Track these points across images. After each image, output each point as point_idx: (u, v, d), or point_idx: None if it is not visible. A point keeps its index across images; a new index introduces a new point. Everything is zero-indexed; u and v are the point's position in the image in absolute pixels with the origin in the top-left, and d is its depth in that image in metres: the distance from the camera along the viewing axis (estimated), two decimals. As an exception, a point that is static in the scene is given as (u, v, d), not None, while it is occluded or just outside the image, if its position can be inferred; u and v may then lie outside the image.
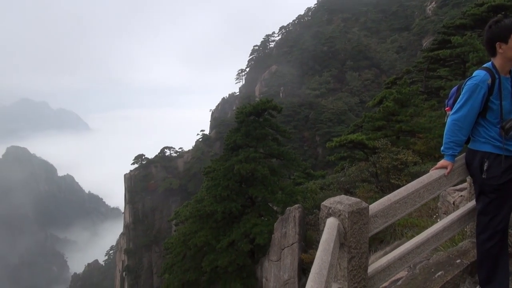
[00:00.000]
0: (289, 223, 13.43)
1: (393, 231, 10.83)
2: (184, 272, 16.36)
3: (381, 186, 14.29)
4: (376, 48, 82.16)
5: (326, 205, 2.61)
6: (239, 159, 16.00)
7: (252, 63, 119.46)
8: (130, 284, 65.07)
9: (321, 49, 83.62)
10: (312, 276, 1.83)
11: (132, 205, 68.23)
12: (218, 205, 15.59)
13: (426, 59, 26.81)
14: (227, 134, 18.30)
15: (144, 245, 65.89)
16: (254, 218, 15.41)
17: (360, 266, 2.57)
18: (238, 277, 15.00)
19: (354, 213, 2.46)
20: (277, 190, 15.88)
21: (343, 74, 75.74)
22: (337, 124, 58.83)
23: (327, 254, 2.03)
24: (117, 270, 75.54)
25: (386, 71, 73.16)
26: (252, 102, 18.41)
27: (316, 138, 59.97)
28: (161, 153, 75.88)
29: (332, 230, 2.36)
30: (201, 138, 78.74)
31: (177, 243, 17.48)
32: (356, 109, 64.16)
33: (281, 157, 17.54)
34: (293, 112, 63.44)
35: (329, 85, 71.85)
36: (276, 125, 17.81)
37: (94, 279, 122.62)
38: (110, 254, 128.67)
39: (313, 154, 58.83)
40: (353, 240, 2.50)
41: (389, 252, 3.35)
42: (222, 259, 14.89)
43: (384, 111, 16.04)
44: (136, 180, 69.72)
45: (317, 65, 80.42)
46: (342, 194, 4.16)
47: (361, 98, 67.37)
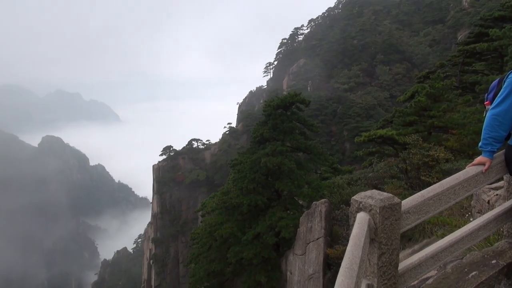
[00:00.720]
0: (315, 217, 13.35)
1: (422, 229, 10.58)
2: (210, 263, 16.58)
3: (410, 183, 13.96)
4: (408, 41, 79.93)
5: (357, 200, 2.57)
6: (266, 152, 15.98)
7: (280, 56, 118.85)
8: (157, 272, 66.68)
9: (350, 42, 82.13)
10: (343, 271, 1.80)
11: (160, 196, 69.64)
12: (244, 197, 15.66)
13: (461, 53, 25.89)
14: (254, 127, 18.30)
15: (171, 235, 67.23)
16: (280, 212, 15.39)
17: (390, 263, 2.52)
18: (263, 269, 15.06)
19: (385, 209, 2.40)
20: (303, 184, 15.78)
21: (373, 68, 74.18)
22: (365, 119, 57.83)
23: (357, 249, 2.00)
24: (145, 258, 77.57)
25: (418, 65, 71.12)
26: (279, 96, 18.31)
27: (344, 132, 59.18)
28: (189, 145, 76.93)
29: (363, 225, 2.31)
30: (228, 131, 79.26)
31: (203, 234, 17.73)
32: (385, 104, 62.81)
33: (308, 151, 17.39)
34: (321, 106, 62.79)
35: (358, 79, 70.56)
36: (304, 119, 17.66)
37: (122, 266, 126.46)
38: (138, 243, 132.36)
39: (340, 149, 58.14)
40: (384, 236, 2.44)
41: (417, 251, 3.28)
42: (247, 251, 14.98)
43: (416, 106, 15.61)
44: (164, 171, 71.05)
45: (346, 59, 79.08)
46: (370, 189, 4.08)
47: (391, 93, 65.86)
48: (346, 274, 1.77)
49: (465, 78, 25.40)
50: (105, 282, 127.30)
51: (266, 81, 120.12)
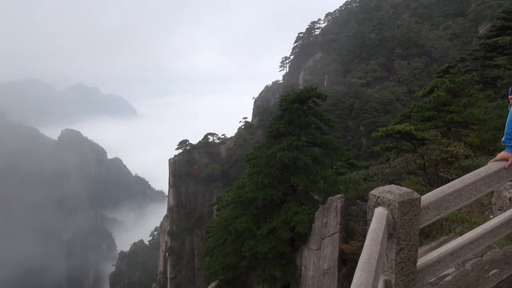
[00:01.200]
0: (331, 212, 13.28)
1: (440, 226, 10.42)
2: (225, 256, 16.69)
3: (428, 179, 13.74)
4: (428, 35, 78.35)
5: (375, 194, 2.54)
6: (282, 147, 15.93)
7: (297, 50, 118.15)
8: (172, 264, 67.54)
9: (368, 36, 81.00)
10: (361, 265, 1.78)
11: (176, 189, 70.35)
12: (259, 192, 15.67)
13: (482, 47, 25.24)
14: (270, 121, 18.25)
15: (186, 228, 67.94)
16: (295, 206, 15.35)
17: (409, 259, 2.49)
18: (278, 263, 15.08)
19: (404, 204, 2.37)
20: (319, 179, 15.69)
21: (391, 63, 73.04)
22: (382, 114, 57.10)
23: (376, 243, 1.97)
24: (161, 250, 78.66)
25: (437, 59, 69.72)
26: (295, 90, 18.19)
27: (360, 128, 58.59)
28: (205, 139, 77.37)
29: (381, 220, 2.28)
30: (243, 125, 79.38)
31: (218, 227, 17.85)
32: (403, 99, 61.86)
33: (324, 145, 17.27)
34: (337, 101, 62.25)
35: (376, 74, 69.60)
36: (320, 113, 17.51)
37: (139, 257, 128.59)
38: (154, 235, 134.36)
39: (356, 144, 57.63)
40: (402, 231, 2.41)
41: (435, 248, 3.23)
42: (262, 245, 15.01)
43: (435, 100, 15.31)
44: (180, 164, 71.70)
45: (364, 53, 78.07)
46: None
47: (409, 88, 64.80)
48: (364, 269, 1.75)
49: (486, 72, 24.78)
50: (122, 274, 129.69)
51: (282, 75, 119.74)
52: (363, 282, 1.62)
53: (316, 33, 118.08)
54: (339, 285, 12.87)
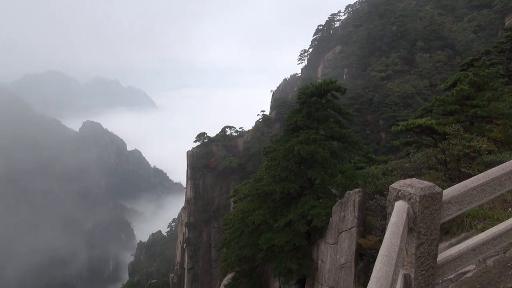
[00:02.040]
0: (348, 207, 13.20)
1: (461, 222, 10.22)
2: (241, 248, 16.80)
3: (449, 175, 13.48)
4: (451, 27, 76.38)
5: (395, 188, 2.50)
6: (299, 140, 15.85)
7: (316, 43, 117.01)
8: (190, 255, 68.47)
9: (389, 28, 79.48)
10: (381, 258, 1.77)
11: (193, 181, 71.05)
12: (276, 185, 15.67)
13: (508, 39, 24.48)
14: (288, 114, 18.15)
15: (204, 220, 68.65)
16: (312, 200, 15.29)
17: (429, 254, 2.45)
18: (294, 257, 15.10)
19: (426, 197, 2.33)
20: (337, 173, 15.57)
21: (413, 56, 71.57)
22: (403, 108, 56.14)
23: (396, 237, 1.95)
24: (178, 241, 79.82)
25: (461, 52, 67.97)
26: (314, 83, 18.02)
27: (380, 122, 57.79)
28: (222, 132, 77.73)
29: (401, 214, 2.26)
30: (261, 119, 79.35)
31: (235, 220, 17.96)
32: (424, 93, 60.64)
33: (342, 139, 17.10)
34: (356, 95, 61.50)
35: (397, 67, 68.35)
36: (339, 107, 17.31)
37: (157, 248, 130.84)
38: (172, 226, 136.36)
39: (375, 138, 56.92)
40: (423, 225, 2.38)
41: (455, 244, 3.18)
42: (278, 238, 15.05)
43: (458, 94, 14.94)
44: (197, 157, 72.29)
45: (385, 46, 76.71)
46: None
47: (431, 81, 63.44)
48: (384, 262, 1.74)
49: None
50: (140, 263, 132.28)
51: (300, 68, 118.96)
52: (382, 275, 1.60)
53: (335, 26, 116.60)
54: (355, 279, 12.82)
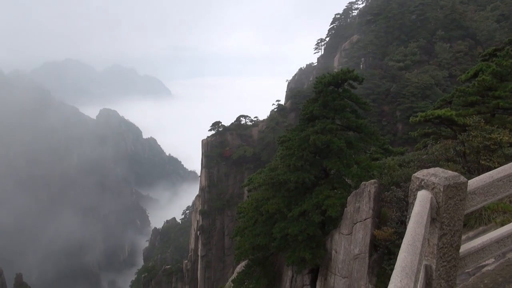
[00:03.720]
0: (364, 197, 13.09)
1: (479, 215, 10.04)
2: (255, 236, 16.88)
3: (468, 167, 13.23)
4: (473, 16, 74.27)
5: (418, 177, 2.45)
6: (315, 130, 15.73)
7: (333, 32, 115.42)
8: (203, 242, 69.31)
9: (409, 17, 77.80)
10: (405, 247, 1.73)
11: (208, 170, 71.54)
12: (291, 174, 15.63)
13: (534, 29, 23.62)
14: (304, 104, 18.00)
15: (218, 208, 69.24)
16: (327, 190, 15.21)
17: (451, 245, 2.40)
18: (308, 246, 15.11)
19: (450, 187, 2.27)
20: (352, 164, 15.43)
21: (432, 45, 69.98)
22: (420, 99, 55.16)
23: (420, 226, 1.90)
24: (192, 228, 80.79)
25: (482, 42, 66.13)
26: (330, 73, 17.79)
27: (397, 113, 56.96)
28: (237, 121, 77.79)
29: (425, 203, 2.20)
30: (276, 108, 79.08)
31: (249, 208, 18.03)
32: (443, 84, 59.40)
33: (359, 130, 16.89)
34: (373, 85, 60.63)
35: (415, 57, 66.97)
36: (356, 97, 17.07)
37: (171, 234, 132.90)
38: (187, 214, 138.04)
39: (392, 129, 56.19)
40: (446, 216, 2.32)
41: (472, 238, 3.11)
42: (292, 227, 15.06)
43: (480, 85, 14.56)
44: (212, 146, 72.66)
45: (403, 35, 75.17)
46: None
47: (450, 72, 62.03)
48: (408, 251, 1.70)
49: (537, 56, 23.26)
50: (155, 249, 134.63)
51: (316, 58, 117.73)
52: (407, 264, 1.57)
53: (353, 14, 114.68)
54: (369, 270, 12.77)
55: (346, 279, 13.74)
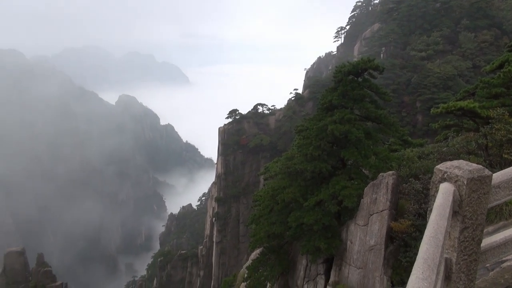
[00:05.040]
0: (381, 189, 12.98)
1: (500, 209, 9.85)
2: (270, 225, 16.98)
3: (490, 161, 12.93)
4: (500, 5, 71.82)
5: (441, 169, 2.41)
6: (333, 120, 15.59)
7: (353, 20, 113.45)
8: (218, 229, 70.15)
9: (432, 5, 75.70)
10: (427, 239, 1.71)
11: (224, 157, 71.97)
12: (308, 164, 15.57)
13: None
14: (322, 93, 17.81)
15: (233, 196, 69.77)
16: (344, 181, 15.12)
17: (473, 239, 2.37)
18: (323, 236, 15.13)
19: (474, 180, 2.23)
20: (370, 155, 15.26)
21: (456, 35, 68.04)
22: (442, 90, 53.95)
23: (443, 219, 1.88)
24: (208, 215, 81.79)
25: (509, 32, 64.02)
26: (350, 62, 17.53)
27: (417, 104, 55.92)
28: (254, 109, 77.72)
29: (447, 196, 2.17)
30: (293, 97, 78.60)
31: (265, 197, 18.10)
32: (467, 75, 57.88)
33: (378, 120, 16.65)
34: (394, 75, 59.54)
35: (438, 47, 65.28)
36: (376, 87, 16.77)
37: (187, 220, 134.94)
38: (203, 200, 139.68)
39: (411, 121, 55.27)
40: (469, 209, 2.29)
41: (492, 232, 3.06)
42: (308, 217, 15.07)
43: (505, 76, 14.12)
44: (229, 133, 72.93)
45: (426, 24, 73.29)
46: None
47: (474, 63, 60.33)
48: (430, 243, 1.68)
49: None
50: (171, 234, 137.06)
51: (336, 46, 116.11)
52: (429, 256, 1.56)
53: (375, 2, 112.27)
54: (384, 262, 12.72)
55: (361, 270, 13.73)
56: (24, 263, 68.01)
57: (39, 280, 64.87)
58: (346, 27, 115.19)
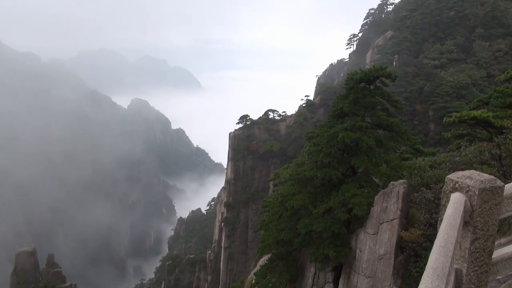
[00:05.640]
0: (392, 198, 12.86)
1: (513, 221, 9.68)
2: (279, 231, 16.91)
3: (503, 171, 12.73)
4: (516, 14, 70.86)
5: (452, 179, 2.40)
6: (344, 127, 15.53)
7: (366, 28, 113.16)
8: (227, 234, 70.06)
9: (447, 14, 75.18)
10: (437, 249, 1.71)
11: (234, 163, 72.03)
12: (318, 171, 15.52)
13: None
14: (334, 100, 17.78)
15: (242, 201, 69.71)
16: (354, 188, 15.02)
17: (484, 250, 2.35)
18: (332, 244, 15.02)
19: (485, 191, 2.22)
20: (381, 163, 15.15)
21: (470, 43, 67.39)
22: (455, 99, 53.38)
23: (453, 229, 1.87)
24: (217, 220, 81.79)
25: (525, 41, 63.14)
26: (362, 69, 17.47)
27: (429, 112, 55.39)
28: (265, 115, 77.77)
29: (458, 206, 2.16)
30: (304, 104, 78.51)
31: (274, 203, 18.06)
32: (481, 84, 57.21)
33: (389, 128, 16.54)
34: (406, 83, 59.13)
35: (452, 55, 64.70)
36: (388, 94, 16.68)
37: (196, 225, 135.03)
38: (212, 205, 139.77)
39: (423, 129, 54.73)
40: (480, 220, 2.27)
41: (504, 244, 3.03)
42: (317, 224, 14.98)
43: (520, 86, 13.94)
44: (239, 139, 73.05)
45: (440, 32, 72.76)
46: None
47: (488, 72, 59.62)
48: (440, 252, 1.68)
49: None
50: (179, 238, 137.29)
51: (348, 54, 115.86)
52: (439, 266, 1.55)
53: (388, 10, 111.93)
54: (394, 271, 12.57)
55: (370, 279, 13.59)
56: (35, 263, 68.81)
57: (49, 281, 65.49)
58: (359, 34, 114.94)
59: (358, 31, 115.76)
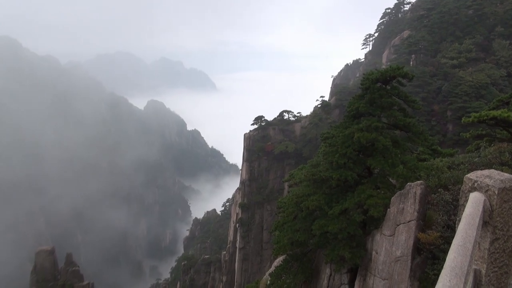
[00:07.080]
0: (408, 199, 12.69)
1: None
2: (294, 232, 16.86)
3: (524, 172, 12.44)
4: (538, 11, 69.06)
5: (471, 178, 2.35)
6: (360, 128, 15.40)
7: (382, 27, 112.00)
8: (242, 235, 70.17)
9: (465, 12, 73.75)
10: (455, 248, 1.68)
11: (249, 164, 72.13)
12: (333, 171, 15.42)
13: None
14: (349, 100, 17.63)
15: (257, 202, 69.73)
16: (370, 189, 14.87)
17: (504, 250, 2.29)
18: (347, 245, 14.89)
19: (506, 190, 2.17)
20: (398, 164, 14.95)
21: (489, 42, 65.94)
22: (474, 99, 52.30)
23: (472, 228, 1.84)
24: (232, 221, 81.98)
25: (547, 39, 61.47)
26: (378, 69, 17.28)
27: (447, 113, 54.42)
28: (280, 116, 77.67)
29: (477, 206, 2.12)
30: (320, 104, 78.10)
31: (289, 203, 18.01)
32: (501, 84, 55.92)
33: (406, 129, 16.31)
34: (423, 83, 58.24)
35: (470, 54, 63.41)
36: (405, 94, 16.46)
37: (211, 225, 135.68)
38: (227, 206, 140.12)
39: (441, 130, 53.79)
40: (500, 220, 2.22)
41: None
42: (332, 225, 14.89)
43: (541, 85, 13.60)
44: (254, 140, 73.12)
45: (458, 31, 71.42)
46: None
47: (508, 71, 58.25)
48: (458, 251, 1.65)
49: None
50: (195, 238, 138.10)
51: (364, 54, 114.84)
52: (457, 265, 1.52)
53: (405, 9, 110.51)
54: (411, 273, 12.39)
55: (386, 281, 13.43)
56: (54, 261, 70.21)
57: (67, 279, 66.74)
58: (375, 34, 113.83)
59: (374, 31, 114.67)
